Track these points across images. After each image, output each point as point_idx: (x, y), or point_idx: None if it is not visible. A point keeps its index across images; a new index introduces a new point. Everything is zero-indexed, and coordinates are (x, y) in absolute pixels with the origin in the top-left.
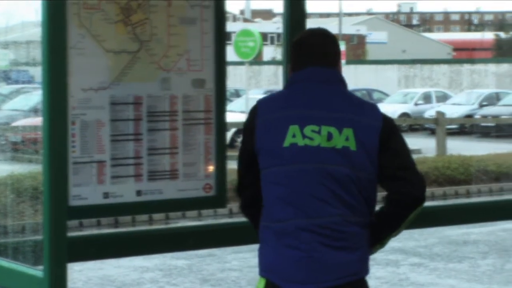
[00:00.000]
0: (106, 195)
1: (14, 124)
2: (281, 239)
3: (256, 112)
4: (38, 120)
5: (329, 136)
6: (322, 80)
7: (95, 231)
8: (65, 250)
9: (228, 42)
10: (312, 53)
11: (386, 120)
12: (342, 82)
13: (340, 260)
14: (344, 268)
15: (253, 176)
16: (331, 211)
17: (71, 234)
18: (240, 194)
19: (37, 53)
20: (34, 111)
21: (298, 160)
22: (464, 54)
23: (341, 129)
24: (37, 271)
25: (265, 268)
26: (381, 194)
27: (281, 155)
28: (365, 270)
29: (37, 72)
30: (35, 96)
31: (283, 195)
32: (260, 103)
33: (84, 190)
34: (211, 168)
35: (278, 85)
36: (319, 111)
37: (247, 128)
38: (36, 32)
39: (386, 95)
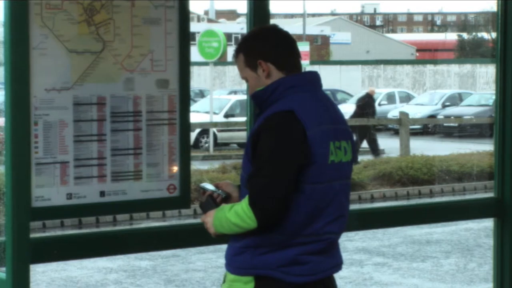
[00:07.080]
0: (69, 196)
1: None
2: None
3: (301, 123)
4: (0, 121)
5: (345, 151)
6: (320, 85)
7: (58, 232)
8: (27, 252)
9: (192, 42)
10: (298, 53)
11: None
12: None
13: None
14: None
15: (290, 188)
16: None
17: (34, 235)
18: (274, 203)
19: None
20: None
21: (333, 177)
22: (427, 55)
23: (348, 141)
24: (0, 273)
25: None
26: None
27: (325, 172)
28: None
29: None
30: None
31: (321, 209)
32: (298, 113)
33: (47, 191)
34: (175, 168)
35: (242, 85)
36: (335, 125)
37: (298, 139)
38: None
39: (350, 95)
